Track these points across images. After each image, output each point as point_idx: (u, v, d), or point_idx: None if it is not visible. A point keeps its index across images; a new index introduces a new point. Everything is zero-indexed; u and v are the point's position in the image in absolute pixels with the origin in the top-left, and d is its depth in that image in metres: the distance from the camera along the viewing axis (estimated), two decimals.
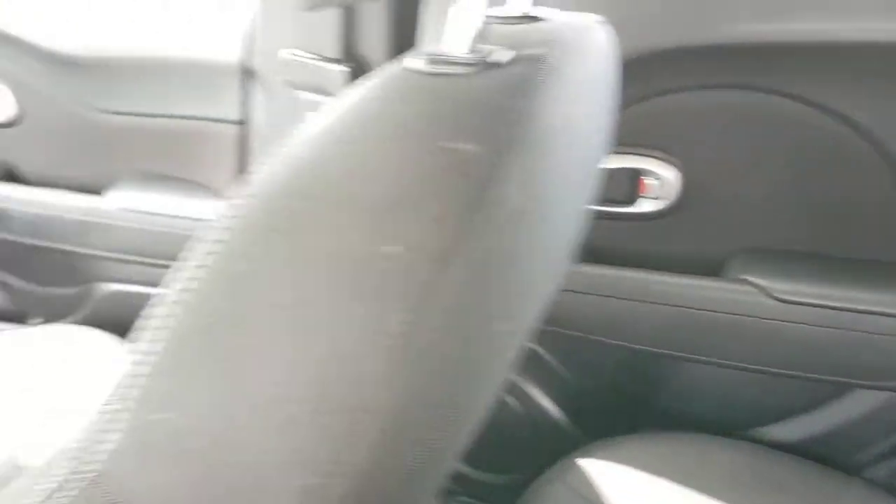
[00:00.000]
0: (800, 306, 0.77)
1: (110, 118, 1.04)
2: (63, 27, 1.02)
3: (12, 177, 1.15)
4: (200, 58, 0.95)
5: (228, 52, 0.92)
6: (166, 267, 0.95)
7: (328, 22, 0.75)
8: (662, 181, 0.82)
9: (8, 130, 1.11)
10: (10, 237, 1.15)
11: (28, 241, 1.14)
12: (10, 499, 0.32)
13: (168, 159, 1.05)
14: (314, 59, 0.77)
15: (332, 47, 0.76)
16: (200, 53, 0.95)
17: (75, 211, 1.08)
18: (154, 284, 1.09)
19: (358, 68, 0.76)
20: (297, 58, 0.78)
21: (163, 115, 1.01)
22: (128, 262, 1.08)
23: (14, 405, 0.88)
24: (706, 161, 0.81)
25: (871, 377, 0.78)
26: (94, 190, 1.08)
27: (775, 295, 0.78)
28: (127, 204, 1.05)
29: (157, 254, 1.06)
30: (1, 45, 1.04)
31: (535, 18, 0.44)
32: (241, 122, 0.96)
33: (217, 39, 0.94)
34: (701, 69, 0.77)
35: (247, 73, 0.92)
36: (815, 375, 0.80)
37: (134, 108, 1.02)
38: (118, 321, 1.04)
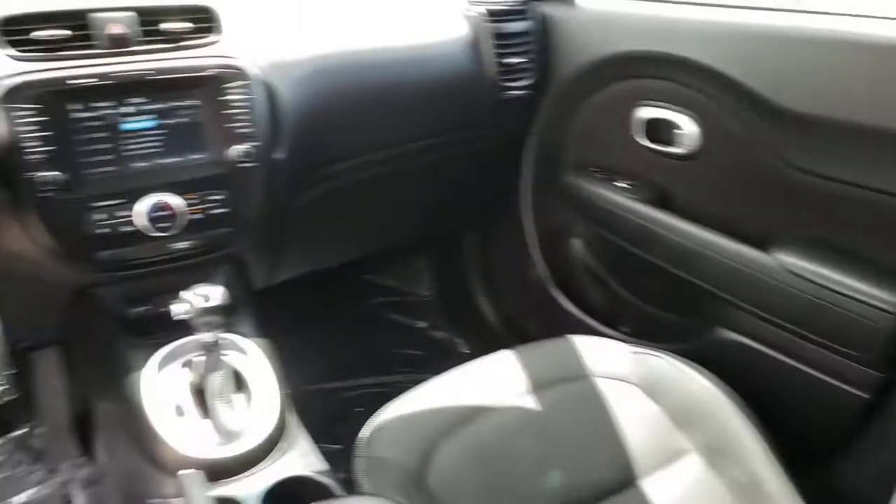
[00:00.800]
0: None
1: (801, 177, 1.00)
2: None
3: (666, 203, 1.21)
4: None
5: None
6: (813, 341, 0.86)
7: None
8: None
9: (682, 162, 1.17)
10: (650, 258, 1.22)
11: (667, 266, 1.19)
12: None
13: (855, 232, 0.97)
14: None
15: None
16: None
17: (727, 254, 1.08)
18: (787, 352, 1.04)
19: None
20: None
21: (867, 188, 0.93)
22: (766, 320, 1.05)
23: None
24: None
25: None
26: (752, 240, 1.07)
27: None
28: (789, 265, 1.00)
29: (806, 324, 0.99)
30: (711, 83, 1.08)
31: None
32: None
33: None
34: None
35: None
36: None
37: (835, 174, 0.96)
38: (723, 368, 1.02)
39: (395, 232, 1.57)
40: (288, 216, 1.18)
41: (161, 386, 0.99)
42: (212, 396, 0.94)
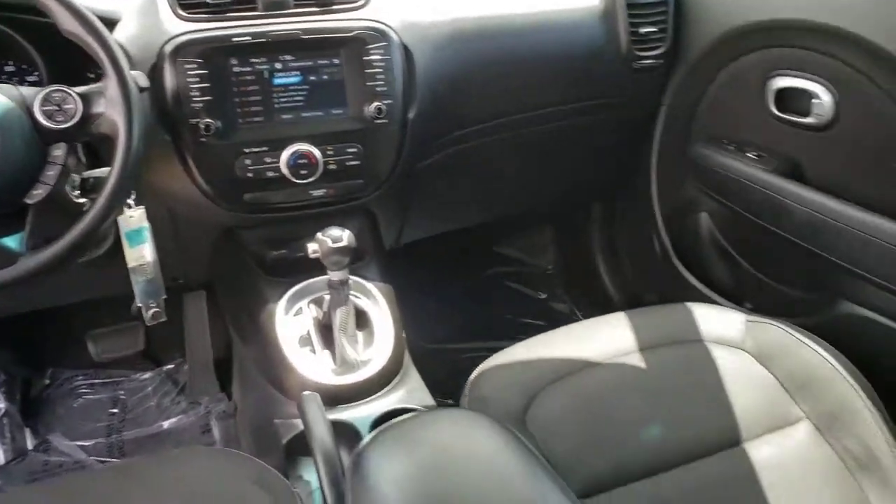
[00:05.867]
0: None
1: None
2: None
3: (797, 175, 1.17)
4: None
5: None
6: None
7: None
8: None
9: (815, 133, 1.12)
10: (778, 230, 1.19)
11: (795, 239, 1.15)
12: None
13: None
14: None
15: None
16: None
17: (860, 226, 1.03)
18: None
19: None
20: None
21: None
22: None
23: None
24: None
25: None
26: (887, 212, 1.01)
27: None
28: None
29: None
30: (850, 50, 1.02)
31: None
32: None
33: None
34: None
35: None
36: None
37: None
38: (845, 342, 0.97)
39: (519, 199, 1.61)
40: (416, 175, 1.25)
41: (291, 318, 1.09)
42: (336, 329, 1.03)
